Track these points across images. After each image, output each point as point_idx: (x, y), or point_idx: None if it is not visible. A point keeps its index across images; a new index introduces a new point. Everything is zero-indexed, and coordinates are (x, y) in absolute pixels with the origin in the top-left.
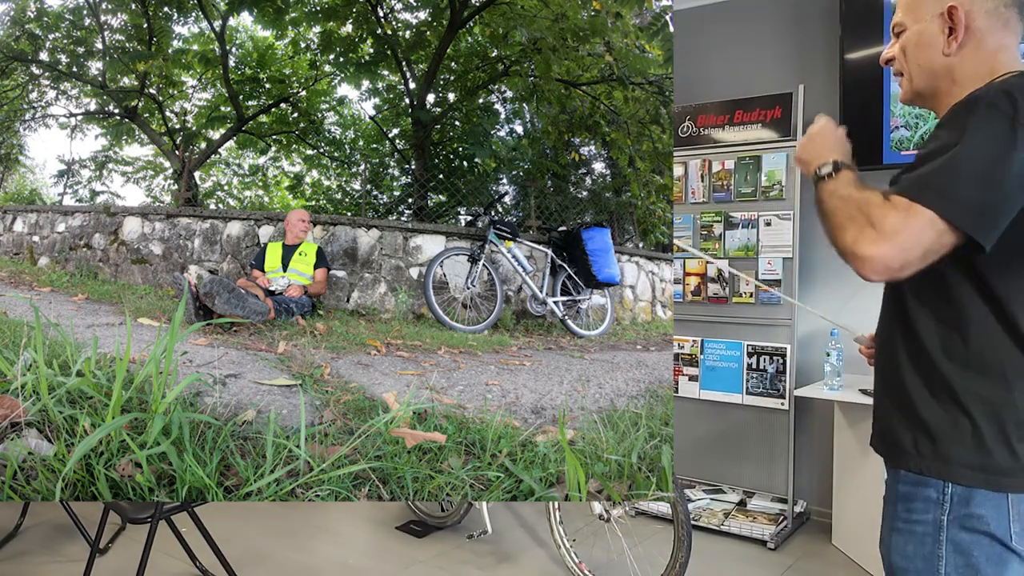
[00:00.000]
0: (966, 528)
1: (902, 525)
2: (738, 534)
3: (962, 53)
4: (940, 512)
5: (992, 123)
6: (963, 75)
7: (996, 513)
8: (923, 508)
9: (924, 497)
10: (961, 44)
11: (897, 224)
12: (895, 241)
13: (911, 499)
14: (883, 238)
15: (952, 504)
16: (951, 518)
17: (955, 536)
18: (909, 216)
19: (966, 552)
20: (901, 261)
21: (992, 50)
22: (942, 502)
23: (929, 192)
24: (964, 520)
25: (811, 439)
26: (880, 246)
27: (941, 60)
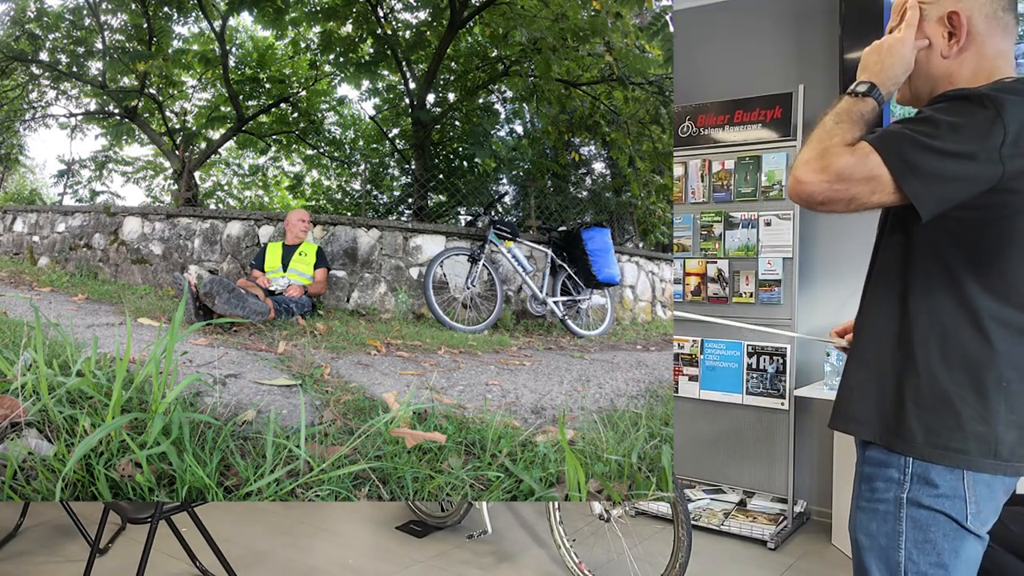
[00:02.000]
0: (924, 506)
1: (866, 504)
2: (738, 534)
3: (961, 57)
4: (900, 491)
5: (974, 115)
6: (961, 79)
7: (953, 494)
8: (884, 487)
9: (886, 477)
10: (961, 48)
11: (843, 167)
12: (832, 182)
13: (874, 479)
14: (824, 173)
15: (912, 483)
16: (910, 496)
17: (914, 513)
18: (859, 161)
19: (924, 528)
20: (825, 198)
21: (990, 56)
22: (902, 481)
23: (893, 148)
24: (923, 499)
25: (811, 439)
26: (818, 176)
27: (940, 64)
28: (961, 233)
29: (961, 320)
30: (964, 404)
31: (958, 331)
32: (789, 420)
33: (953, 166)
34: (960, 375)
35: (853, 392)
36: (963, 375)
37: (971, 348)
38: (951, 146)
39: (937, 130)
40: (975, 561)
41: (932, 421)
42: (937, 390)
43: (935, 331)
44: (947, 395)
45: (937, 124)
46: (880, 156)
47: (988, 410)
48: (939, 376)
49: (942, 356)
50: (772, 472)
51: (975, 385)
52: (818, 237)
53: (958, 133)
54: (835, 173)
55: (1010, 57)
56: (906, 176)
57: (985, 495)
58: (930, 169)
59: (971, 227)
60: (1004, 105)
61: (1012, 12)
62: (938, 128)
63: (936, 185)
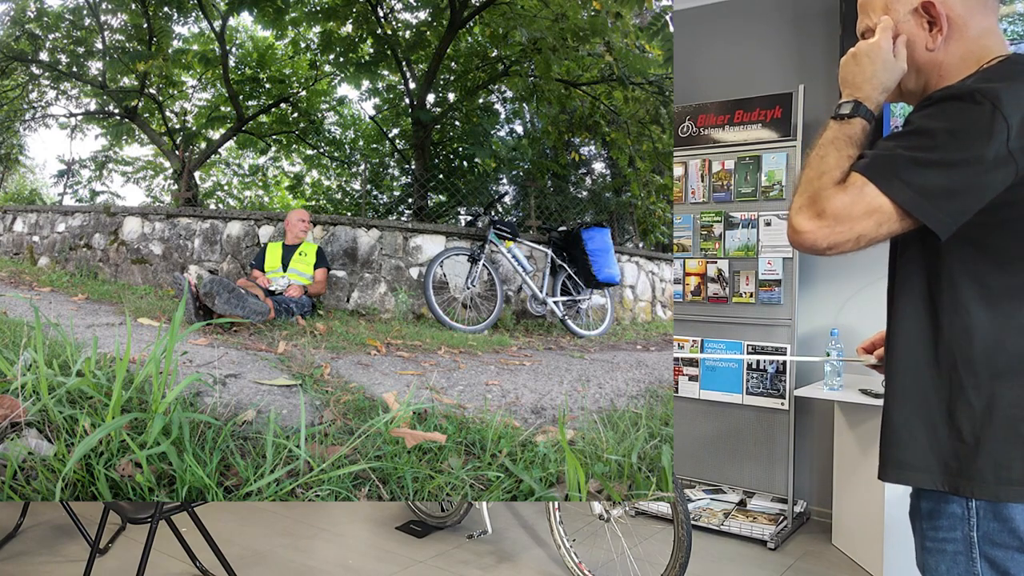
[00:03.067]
0: (999, 544)
1: (931, 544)
2: (738, 534)
3: (947, 46)
4: (968, 528)
5: (970, 115)
6: (950, 67)
7: (1022, 523)
8: (949, 525)
9: (949, 513)
10: (946, 37)
11: (840, 209)
12: (832, 225)
13: (936, 516)
14: (821, 218)
15: (979, 518)
16: (982, 534)
17: (990, 552)
18: (855, 197)
19: (1004, 570)
20: (829, 243)
21: (976, 36)
22: (968, 516)
23: (888, 173)
24: (996, 536)
25: (811, 439)
26: (815, 223)
27: (926, 56)
28: (982, 237)
29: (1003, 331)
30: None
31: (1003, 343)
32: (789, 420)
33: (961, 176)
34: (1019, 392)
35: (899, 433)
36: (1016, 395)
37: (1008, 368)
38: (953, 155)
39: (933, 140)
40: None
41: (999, 453)
42: (996, 415)
43: (977, 347)
44: (1010, 419)
45: (932, 134)
46: (876, 186)
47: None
48: (995, 398)
49: (992, 375)
50: (772, 472)
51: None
52: None
53: (956, 138)
54: (832, 216)
55: (997, 32)
56: (912, 200)
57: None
58: (936, 186)
59: (992, 230)
60: (1000, 96)
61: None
62: (933, 138)
63: (947, 202)
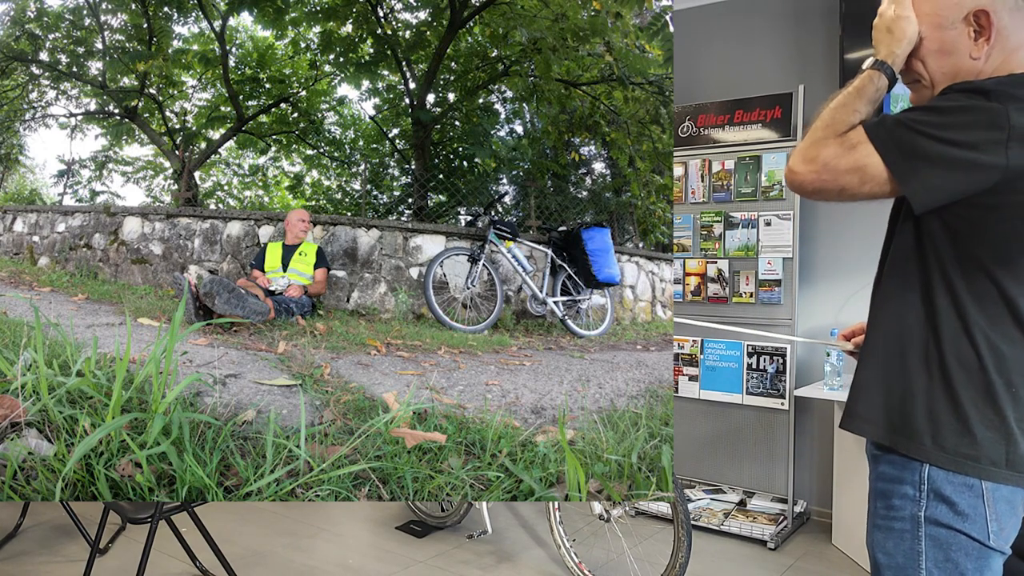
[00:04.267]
0: (943, 525)
1: (882, 522)
2: (738, 534)
3: (989, 55)
4: (917, 508)
5: (981, 108)
6: (986, 75)
7: (973, 512)
8: (900, 505)
9: (901, 494)
10: (991, 45)
11: (829, 157)
12: (819, 172)
13: (889, 496)
14: (811, 162)
15: (928, 500)
16: (928, 515)
17: (933, 532)
18: (846, 150)
19: (945, 548)
20: (814, 188)
21: (1013, 48)
22: (918, 498)
23: (887, 134)
24: (941, 517)
25: (811, 439)
26: (805, 166)
27: (969, 64)
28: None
29: (964, 324)
30: (974, 408)
31: (960, 334)
32: (789, 420)
33: (950, 153)
34: (968, 376)
35: (860, 389)
36: (971, 376)
37: (969, 353)
38: (953, 134)
39: (938, 116)
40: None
41: (940, 424)
42: (948, 391)
43: (946, 335)
44: (957, 398)
45: (939, 111)
46: (872, 143)
47: (999, 416)
48: (951, 380)
49: (957, 361)
50: (772, 472)
51: (984, 388)
52: (818, 237)
53: (959, 120)
54: (821, 163)
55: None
56: (896, 161)
57: (1006, 511)
58: (923, 153)
59: (973, 234)
60: (1012, 100)
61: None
62: (942, 115)
63: (928, 171)
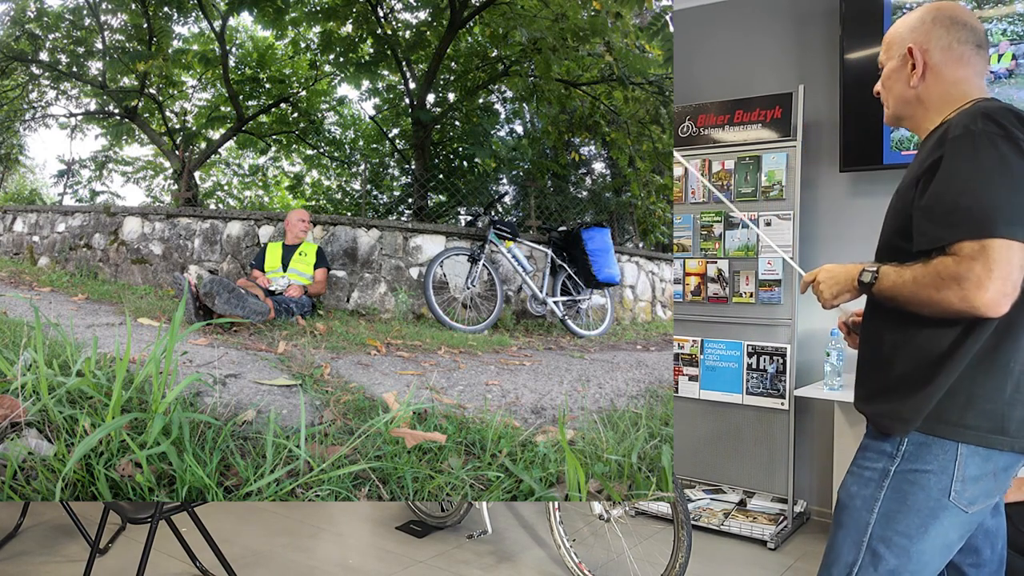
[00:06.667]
0: (909, 480)
1: (855, 468)
2: (738, 534)
3: (925, 84)
4: (890, 463)
5: (993, 145)
6: (929, 102)
7: (940, 471)
8: (876, 457)
9: (879, 449)
10: (923, 77)
11: (980, 269)
12: (994, 280)
13: (868, 448)
14: (981, 284)
15: (903, 460)
16: (898, 469)
17: (896, 483)
18: (985, 254)
19: (902, 499)
20: (1011, 287)
21: (951, 81)
22: (895, 455)
23: (979, 225)
24: (909, 474)
25: (811, 439)
26: (985, 290)
27: (909, 91)
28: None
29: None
30: (973, 383)
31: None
32: (789, 420)
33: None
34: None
35: (859, 370)
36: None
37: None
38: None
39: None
40: (954, 538)
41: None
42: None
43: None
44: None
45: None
46: (987, 238)
47: (997, 388)
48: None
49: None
50: (772, 472)
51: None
52: (818, 237)
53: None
54: (983, 276)
55: (974, 82)
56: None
57: (975, 473)
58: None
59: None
60: None
61: (971, 44)
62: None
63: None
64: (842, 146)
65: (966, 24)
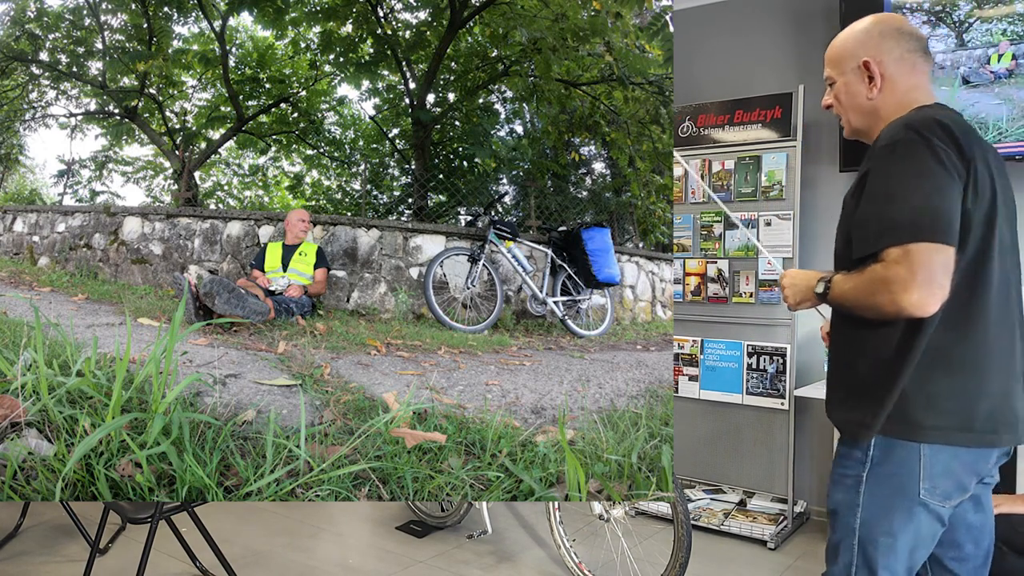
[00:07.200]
0: (882, 482)
1: (837, 476)
2: (738, 534)
3: (882, 95)
4: (862, 470)
5: (914, 154)
6: (886, 112)
7: (907, 471)
8: (851, 464)
9: (852, 456)
10: (880, 89)
11: (904, 272)
12: (916, 282)
13: (844, 456)
14: (906, 286)
15: (872, 464)
16: (870, 474)
17: (871, 488)
18: (908, 258)
19: (878, 501)
20: (936, 287)
21: (905, 90)
22: (865, 461)
23: (903, 230)
24: (880, 476)
25: (811, 439)
26: (910, 292)
27: (867, 103)
28: None
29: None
30: (931, 383)
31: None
32: (789, 420)
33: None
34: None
35: (828, 377)
36: (926, 358)
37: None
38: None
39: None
40: (929, 533)
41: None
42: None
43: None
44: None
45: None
46: (906, 243)
47: (957, 387)
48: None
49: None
50: (772, 472)
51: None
52: (818, 237)
53: (913, 172)
54: (907, 278)
55: (924, 88)
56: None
57: (940, 472)
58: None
59: None
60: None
61: (918, 52)
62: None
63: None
64: (842, 146)
65: (911, 33)
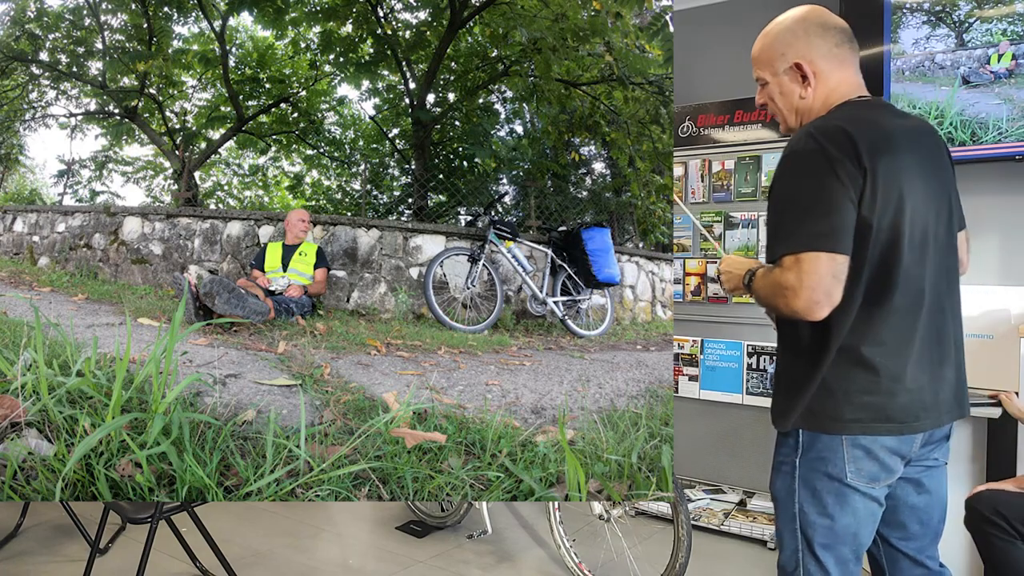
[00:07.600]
0: (811, 468)
1: (777, 465)
2: (738, 534)
3: (815, 92)
4: (795, 455)
5: (807, 165)
6: (815, 110)
7: (832, 457)
8: (786, 452)
9: (787, 444)
10: (813, 87)
11: (794, 279)
12: (803, 289)
13: (780, 445)
14: (795, 293)
15: (803, 451)
16: (801, 460)
17: (804, 474)
18: (798, 266)
19: (811, 486)
20: (821, 294)
21: (833, 86)
22: (797, 447)
23: (795, 239)
24: (810, 462)
25: None
26: (799, 298)
27: (800, 102)
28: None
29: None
30: (847, 380)
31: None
32: None
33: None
34: (840, 355)
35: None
36: (842, 355)
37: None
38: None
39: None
40: (866, 514)
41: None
42: (805, 366)
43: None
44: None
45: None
46: (798, 252)
47: (871, 383)
48: (809, 354)
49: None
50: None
51: (858, 363)
52: None
53: (808, 182)
54: (795, 286)
55: (850, 81)
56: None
57: (862, 455)
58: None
59: None
60: None
61: (846, 44)
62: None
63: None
64: None
65: (836, 26)
